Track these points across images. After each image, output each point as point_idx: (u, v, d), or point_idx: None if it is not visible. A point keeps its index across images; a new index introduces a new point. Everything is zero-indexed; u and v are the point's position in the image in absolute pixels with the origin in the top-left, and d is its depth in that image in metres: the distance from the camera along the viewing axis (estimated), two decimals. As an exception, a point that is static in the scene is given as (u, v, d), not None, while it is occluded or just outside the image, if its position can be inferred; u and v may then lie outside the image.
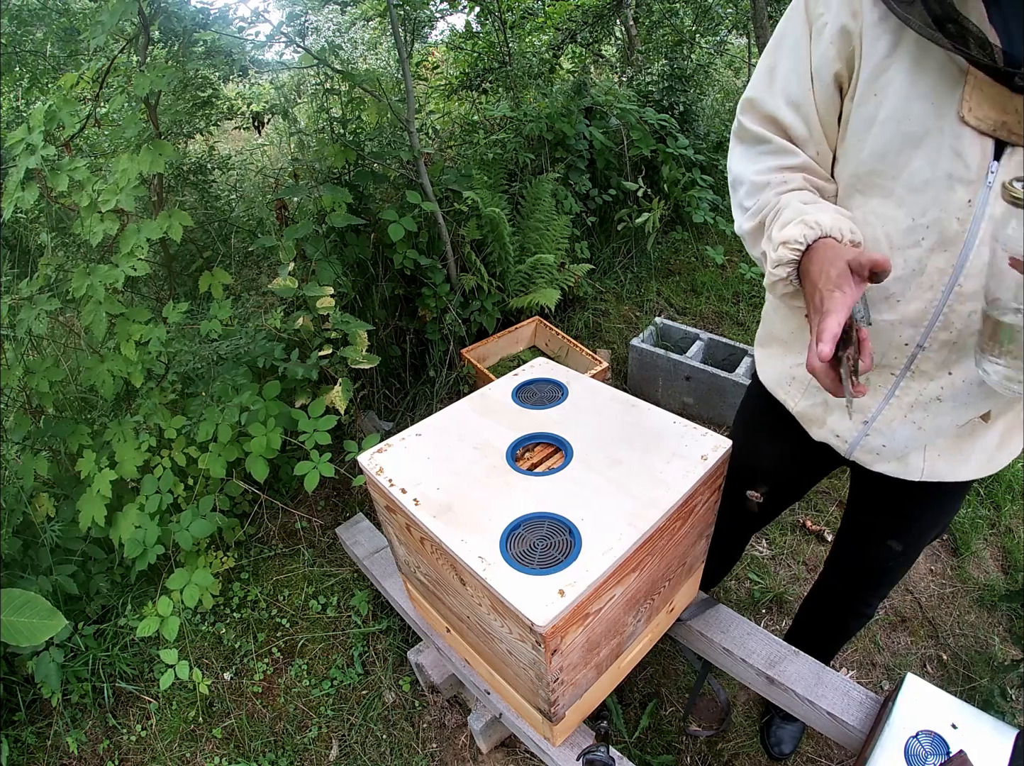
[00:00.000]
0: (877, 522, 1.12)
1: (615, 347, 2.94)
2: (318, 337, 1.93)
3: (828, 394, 0.80)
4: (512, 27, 3.88)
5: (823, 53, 0.77)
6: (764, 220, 0.84)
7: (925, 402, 0.84)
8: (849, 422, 0.93)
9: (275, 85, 4.03)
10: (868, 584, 1.25)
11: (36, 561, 1.66)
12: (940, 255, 0.73)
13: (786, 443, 1.08)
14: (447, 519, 0.97)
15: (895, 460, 0.94)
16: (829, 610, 1.38)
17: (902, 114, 0.71)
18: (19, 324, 1.54)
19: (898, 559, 1.15)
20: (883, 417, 0.89)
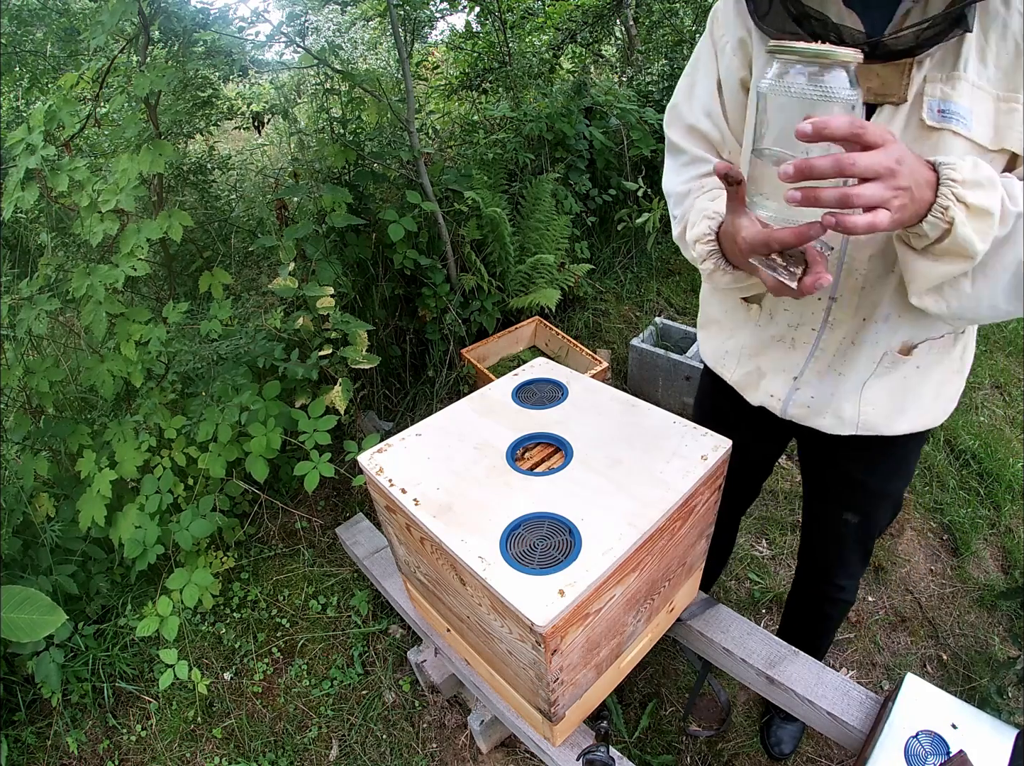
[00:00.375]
0: (829, 494, 1.17)
1: (615, 347, 2.94)
2: (318, 337, 1.93)
3: (760, 361, 0.99)
4: (512, 27, 3.88)
5: (728, 65, 0.90)
6: (685, 226, 0.94)
7: (844, 350, 0.93)
8: (780, 382, 1.01)
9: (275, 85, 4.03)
10: (833, 563, 1.27)
11: (36, 561, 1.66)
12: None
13: (739, 417, 1.14)
14: (447, 519, 0.97)
15: (829, 414, 0.99)
16: (807, 599, 1.41)
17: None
18: (19, 324, 1.54)
19: (856, 533, 1.18)
20: (809, 371, 0.98)
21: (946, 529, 2.08)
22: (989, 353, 2.94)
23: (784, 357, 1.00)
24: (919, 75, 0.76)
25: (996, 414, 2.54)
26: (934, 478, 2.24)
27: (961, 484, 2.22)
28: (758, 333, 1.01)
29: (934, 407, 1.00)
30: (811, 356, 0.96)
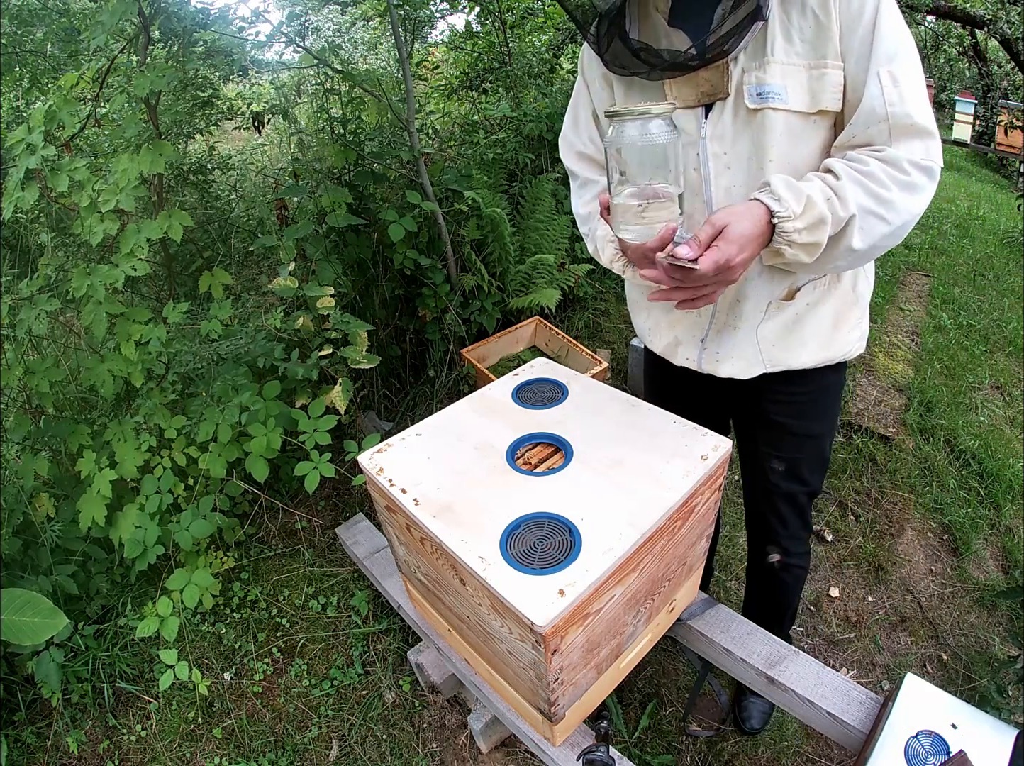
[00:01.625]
0: (755, 442, 1.25)
1: (615, 347, 2.94)
2: (318, 337, 1.93)
3: (676, 331, 1.13)
4: (512, 27, 3.87)
5: (599, 97, 1.06)
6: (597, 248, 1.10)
7: (732, 307, 1.05)
8: (691, 346, 1.12)
9: (275, 85, 4.03)
10: (771, 520, 1.32)
11: (36, 561, 1.66)
12: (696, 200, 0.98)
13: (674, 382, 1.25)
14: (447, 519, 0.97)
15: (736, 361, 1.09)
16: (760, 569, 1.44)
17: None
18: (19, 324, 1.54)
19: (786, 483, 1.24)
20: (712, 331, 1.09)
21: (946, 529, 2.08)
22: (989, 353, 2.95)
23: (693, 324, 1.11)
24: (736, 70, 0.89)
25: (996, 414, 2.54)
26: (934, 478, 2.25)
27: (961, 484, 2.22)
28: (667, 306, 1.12)
29: (836, 338, 1.08)
30: (712, 319, 1.07)
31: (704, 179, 0.96)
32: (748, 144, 0.91)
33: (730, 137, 0.92)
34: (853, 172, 0.84)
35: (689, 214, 0.97)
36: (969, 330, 3.11)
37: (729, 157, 0.93)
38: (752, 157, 0.92)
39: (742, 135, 0.91)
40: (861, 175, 0.84)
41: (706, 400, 1.26)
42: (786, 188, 0.83)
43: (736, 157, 0.93)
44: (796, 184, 0.84)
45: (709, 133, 0.93)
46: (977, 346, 2.98)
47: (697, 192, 0.97)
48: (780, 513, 1.30)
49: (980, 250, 4.13)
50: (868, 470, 2.26)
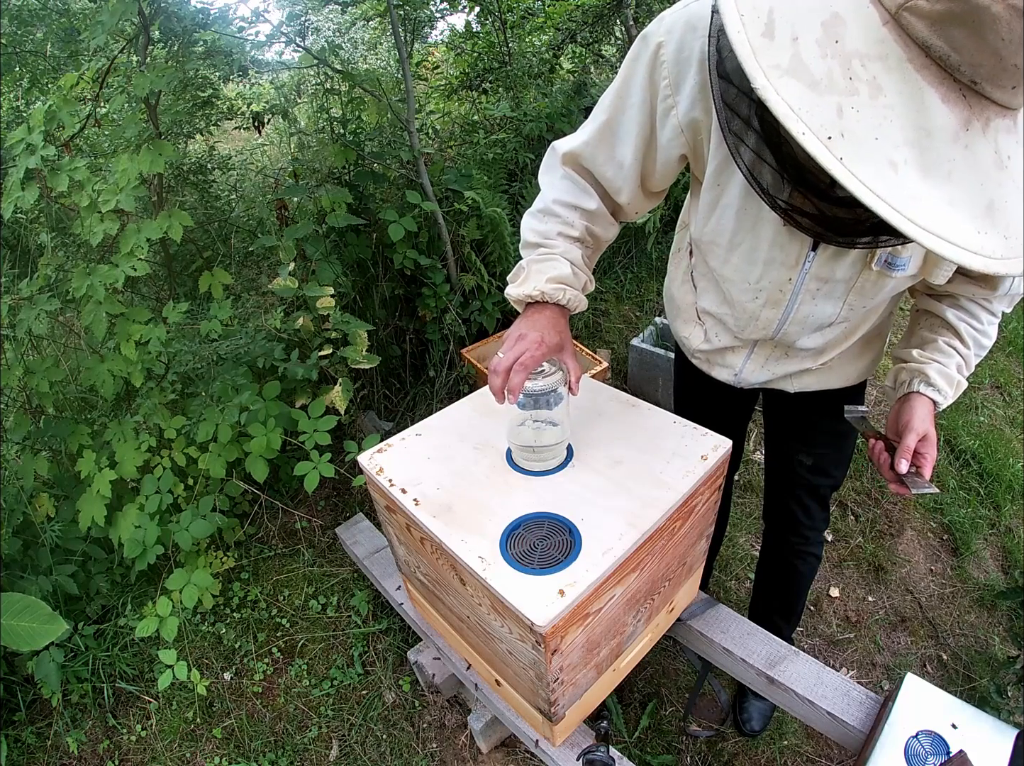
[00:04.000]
0: (785, 435, 1.30)
1: (615, 347, 2.94)
2: (318, 337, 1.93)
3: (710, 355, 1.16)
4: (512, 27, 3.87)
5: (672, 139, 0.85)
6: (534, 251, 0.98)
7: (775, 361, 1.10)
8: (725, 374, 1.16)
9: (275, 85, 4.03)
10: (794, 510, 1.35)
11: (36, 561, 1.66)
12: (770, 310, 0.97)
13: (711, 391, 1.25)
14: (447, 519, 0.97)
15: (770, 387, 1.16)
16: (776, 556, 1.48)
17: (739, 205, 0.86)
18: (19, 324, 1.54)
19: (811, 477, 1.28)
20: (747, 370, 1.13)
21: (946, 529, 2.08)
22: (989, 353, 2.94)
23: (725, 357, 1.15)
24: None
25: (996, 414, 2.54)
26: (934, 478, 2.24)
27: (961, 484, 2.22)
28: (707, 343, 1.16)
29: (868, 367, 1.15)
30: (746, 361, 1.12)
31: (788, 303, 0.94)
32: (848, 290, 0.90)
33: (835, 280, 0.89)
34: (975, 334, 0.97)
35: (759, 318, 0.99)
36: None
37: (821, 293, 0.91)
38: (846, 300, 0.92)
39: (847, 283, 0.89)
40: (979, 335, 0.98)
41: (735, 401, 1.30)
42: (944, 381, 0.96)
43: (829, 295, 0.92)
44: (948, 373, 0.96)
45: (813, 270, 0.88)
46: (977, 346, 2.97)
47: (775, 307, 0.96)
48: (804, 503, 1.34)
49: (980, 250, 4.11)
50: (868, 470, 2.26)
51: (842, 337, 1.04)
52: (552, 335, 0.92)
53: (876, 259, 0.85)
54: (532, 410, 0.96)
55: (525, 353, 0.88)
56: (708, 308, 1.09)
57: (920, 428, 0.92)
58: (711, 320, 1.11)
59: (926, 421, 0.94)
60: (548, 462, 1.03)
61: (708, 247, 0.97)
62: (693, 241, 1.04)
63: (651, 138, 0.88)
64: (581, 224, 0.98)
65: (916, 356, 0.99)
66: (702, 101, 0.79)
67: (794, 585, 1.49)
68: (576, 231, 0.98)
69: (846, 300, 0.92)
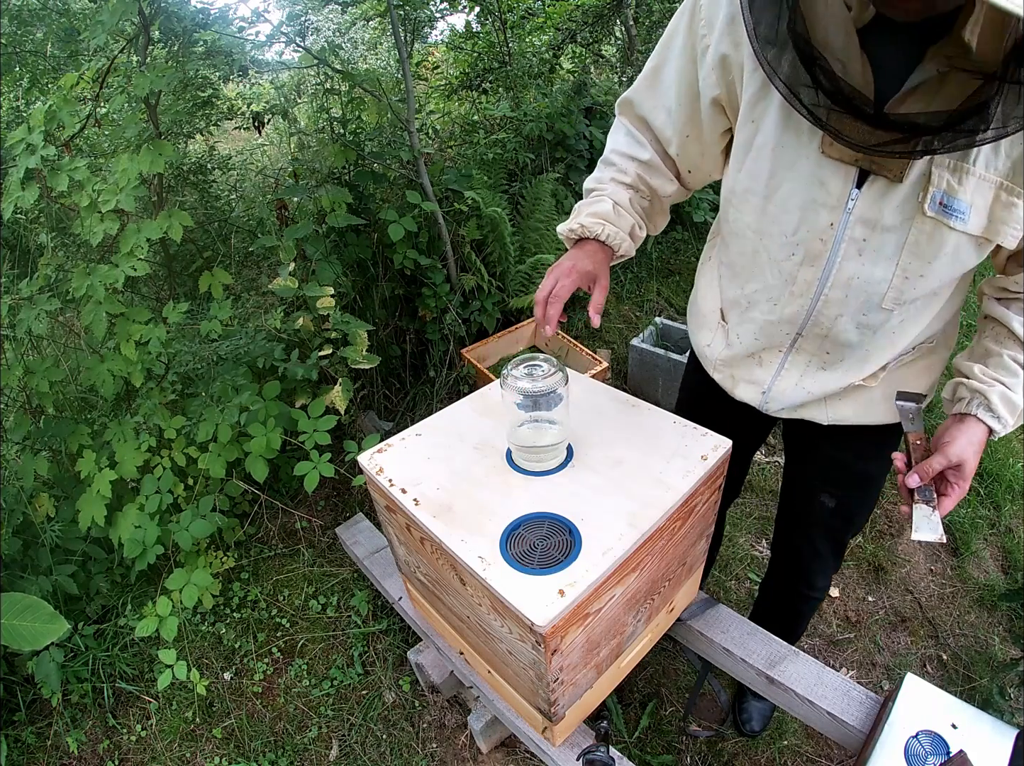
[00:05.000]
0: (808, 472, 1.18)
1: (615, 347, 2.94)
2: (318, 337, 1.93)
3: (733, 370, 1.06)
4: (512, 27, 3.87)
5: (705, 78, 0.85)
6: (588, 196, 1.03)
7: (812, 372, 0.97)
8: (751, 392, 1.06)
9: (275, 85, 4.03)
10: (807, 555, 1.27)
11: (36, 561, 1.66)
12: (808, 269, 0.85)
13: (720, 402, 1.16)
14: (447, 519, 0.97)
15: (802, 413, 1.04)
16: (780, 597, 1.43)
17: (775, 142, 0.80)
18: (19, 324, 1.53)
19: (831, 519, 1.18)
20: (777, 387, 1.02)
21: (946, 529, 2.08)
22: (989, 353, 2.94)
23: (751, 371, 1.04)
24: (922, 159, 0.72)
25: (996, 414, 2.53)
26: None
27: (961, 484, 2.22)
28: (729, 349, 1.06)
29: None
30: (777, 374, 1.01)
31: (830, 255, 0.82)
32: (900, 246, 0.78)
33: (884, 227, 0.77)
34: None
35: (796, 279, 0.87)
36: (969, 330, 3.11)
37: (868, 245, 0.79)
38: (901, 262, 0.79)
39: (899, 232, 0.77)
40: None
41: (753, 424, 1.18)
42: (1007, 408, 0.83)
43: (877, 251, 0.79)
44: (1012, 398, 0.83)
45: (858, 211, 0.78)
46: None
47: (815, 264, 0.84)
48: (818, 549, 1.24)
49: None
50: (868, 470, 2.26)
51: (892, 334, 0.89)
52: (585, 262, 0.95)
53: (930, 200, 0.73)
54: (532, 410, 0.96)
55: (557, 283, 0.91)
56: (735, 296, 0.99)
57: (956, 455, 0.82)
58: (736, 313, 1.01)
59: (968, 450, 0.83)
60: (548, 462, 1.03)
61: (743, 199, 0.88)
62: (725, 201, 0.94)
63: (694, 83, 0.87)
64: (634, 172, 1.00)
65: (978, 374, 0.86)
66: (730, 35, 0.79)
67: (793, 624, 1.45)
68: (628, 178, 1.00)
69: (898, 262, 0.79)
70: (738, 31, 0.78)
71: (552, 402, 0.95)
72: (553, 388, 0.93)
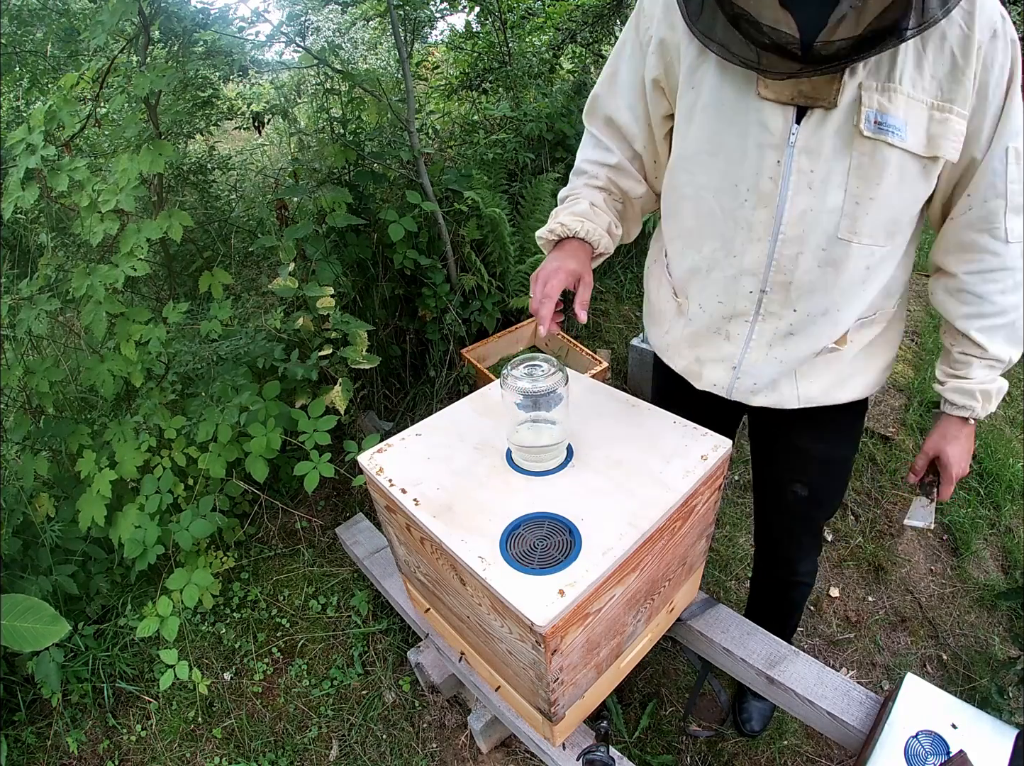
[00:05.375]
0: (778, 465, 1.20)
1: (615, 347, 2.94)
2: (318, 337, 1.92)
3: (698, 352, 1.06)
4: (512, 27, 3.87)
5: (648, 62, 0.93)
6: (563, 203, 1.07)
7: (781, 339, 0.97)
8: (720, 371, 1.05)
9: (275, 85, 4.03)
10: (787, 542, 1.31)
11: (36, 561, 1.66)
12: (762, 211, 0.87)
13: (690, 400, 1.17)
14: (447, 519, 0.97)
15: (770, 392, 1.04)
16: (769, 586, 1.45)
17: (716, 101, 0.86)
18: (19, 324, 1.53)
19: (805, 507, 1.20)
20: (747, 361, 1.01)
21: (946, 529, 2.08)
22: (989, 353, 2.94)
23: (719, 348, 1.03)
24: (852, 81, 0.77)
25: (996, 414, 2.54)
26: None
27: (961, 484, 2.22)
28: (691, 326, 1.05)
29: (869, 378, 1.06)
30: (746, 346, 1.00)
31: (780, 194, 0.85)
32: (848, 172, 0.82)
33: (826, 155, 0.81)
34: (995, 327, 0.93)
35: (752, 224, 0.89)
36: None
37: (816, 177, 0.83)
38: (849, 188, 0.83)
39: (841, 158, 0.81)
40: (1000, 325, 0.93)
41: (719, 419, 1.18)
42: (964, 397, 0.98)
43: (825, 180, 0.83)
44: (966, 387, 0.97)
45: (800, 142, 0.82)
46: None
47: (768, 204, 0.86)
48: (797, 538, 1.28)
49: (980, 250, 4.12)
50: (868, 470, 2.26)
51: (857, 284, 0.91)
52: (569, 262, 0.97)
53: (864, 120, 0.78)
54: (532, 410, 0.96)
55: (548, 283, 0.93)
56: (693, 263, 1.00)
57: (930, 448, 1.00)
58: (697, 281, 1.00)
59: (940, 442, 1.00)
60: (548, 462, 1.03)
61: (694, 161, 0.92)
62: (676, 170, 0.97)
63: (643, 73, 0.95)
64: (605, 176, 1.05)
65: (939, 376, 1.01)
66: (666, 20, 0.88)
67: (787, 612, 1.47)
68: (600, 182, 1.05)
69: (847, 188, 0.82)
70: (672, 15, 0.87)
71: (552, 402, 0.95)
72: (553, 388, 0.93)
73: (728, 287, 0.96)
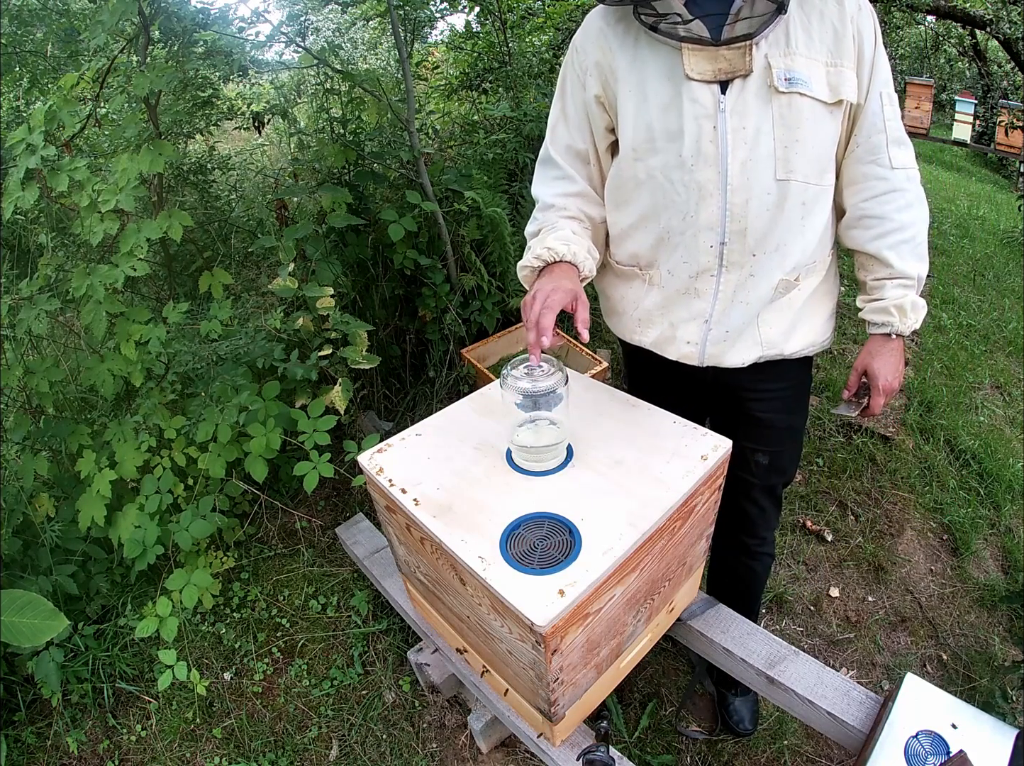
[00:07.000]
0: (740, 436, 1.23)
1: (615, 347, 2.94)
2: (318, 337, 1.92)
3: (671, 317, 1.13)
4: (512, 27, 3.87)
5: (588, 84, 1.07)
6: (536, 236, 1.13)
7: (743, 282, 1.07)
8: (693, 328, 1.12)
9: (275, 85, 4.03)
10: (749, 509, 1.36)
11: (36, 561, 1.66)
12: (709, 170, 1.00)
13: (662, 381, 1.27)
14: (447, 519, 0.97)
15: (740, 342, 1.12)
16: (730, 557, 1.47)
17: (654, 93, 1.00)
18: (19, 324, 1.53)
19: (766, 474, 1.30)
20: (717, 311, 1.09)
21: (946, 529, 2.08)
22: (989, 353, 2.95)
23: (690, 306, 1.11)
24: (759, 53, 0.96)
25: (996, 414, 2.54)
26: (934, 478, 2.25)
27: (961, 484, 2.22)
28: (663, 293, 1.13)
29: (820, 326, 1.17)
30: (715, 298, 1.08)
31: (721, 151, 0.98)
32: (773, 123, 0.97)
33: (752, 113, 0.97)
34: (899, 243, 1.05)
35: (702, 185, 1.01)
36: (969, 330, 3.11)
37: (748, 132, 0.97)
38: (776, 136, 0.98)
39: (765, 113, 0.97)
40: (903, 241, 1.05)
41: (689, 398, 1.28)
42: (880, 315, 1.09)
43: (757, 132, 0.97)
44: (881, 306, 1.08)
45: (729, 107, 0.97)
46: (977, 346, 2.98)
47: (712, 164, 0.99)
48: (760, 504, 1.35)
49: (980, 250, 4.13)
50: (868, 470, 2.26)
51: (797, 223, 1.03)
52: (563, 281, 1.01)
53: (776, 78, 0.95)
54: (532, 410, 0.96)
55: (548, 298, 0.96)
56: (657, 235, 1.09)
57: (859, 365, 1.12)
58: (663, 249, 1.09)
59: (865, 358, 1.12)
60: (548, 462, 1.03)
61: (644, 147, 1.03)
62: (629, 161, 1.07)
63: (584, 100, 1.09)
64: (574, 206, 1.14)
65: (859, 304, 1.14)
66: (598, 45, 1.05)
67: (751, 586, 1.49)
68: (571, 211, 1.13)
69: (775, 135, 0.97)
70: (603, 40, 1.04)
71: (552, 402, 0.95)
72: (553, 388, 0.93)
73: (690, 247, 1.05)
